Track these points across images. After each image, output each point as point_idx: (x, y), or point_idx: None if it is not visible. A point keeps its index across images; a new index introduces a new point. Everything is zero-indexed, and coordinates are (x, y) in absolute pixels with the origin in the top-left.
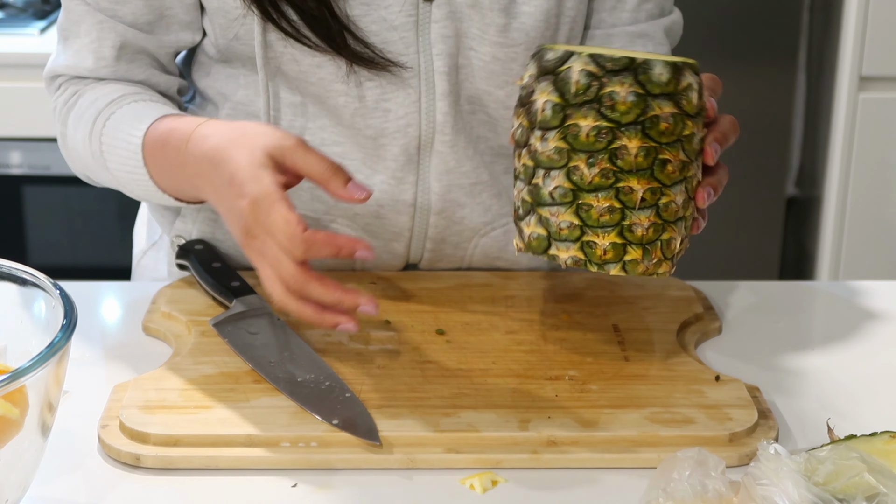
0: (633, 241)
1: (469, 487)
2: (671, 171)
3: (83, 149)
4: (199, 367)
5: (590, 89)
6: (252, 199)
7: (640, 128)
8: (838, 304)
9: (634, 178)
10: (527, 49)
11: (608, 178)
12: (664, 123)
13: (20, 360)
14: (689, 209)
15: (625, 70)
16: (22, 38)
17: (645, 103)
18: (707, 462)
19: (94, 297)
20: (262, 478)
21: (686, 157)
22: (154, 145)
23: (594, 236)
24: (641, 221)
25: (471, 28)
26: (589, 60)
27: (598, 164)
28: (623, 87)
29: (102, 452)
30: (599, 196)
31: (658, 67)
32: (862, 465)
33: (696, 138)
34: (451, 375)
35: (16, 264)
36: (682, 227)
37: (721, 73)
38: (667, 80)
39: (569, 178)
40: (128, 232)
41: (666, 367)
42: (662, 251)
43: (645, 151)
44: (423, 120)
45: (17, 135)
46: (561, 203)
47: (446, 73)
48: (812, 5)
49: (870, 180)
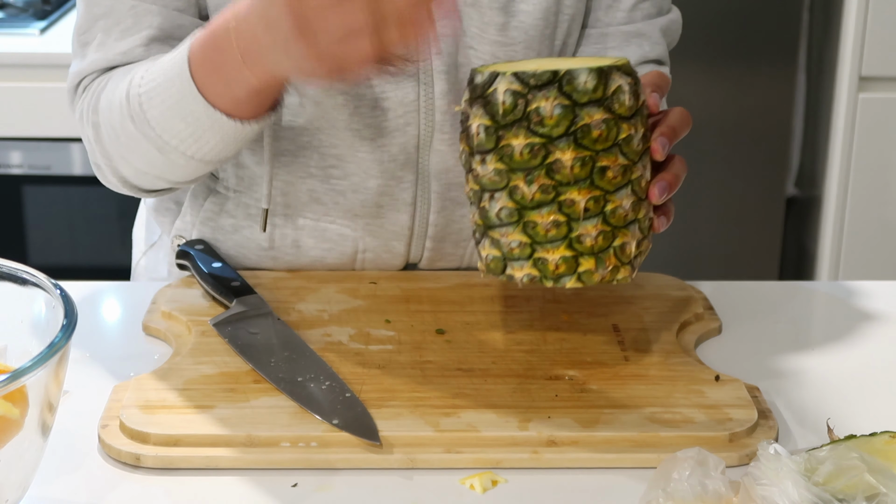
0: (584, 251)
1: (469, 487)
2: (612, 177)
3: (119, 120)
4: (199, 367)
5: (517, 108)
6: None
7: (572, 139)
8: (838, 304)
9: (575, 190)
10: (526, 48)
11: (548, 193)
12: (596, 131)
13: (20, 360)
14: (641, 210)
15: (549, 84)
16: (22, 38)
17: (573, 113)
18: (707, 462)
19: (94, 297)
20: (262, 478)
21: (627, 159)
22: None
23: (544, 252)
24: (589, 231)
25: (470, 27)
26: (513, 79)
27: (537, 180)
28: (548, 101)
29: (102, 452)
30: (543, 212)
31: (583, 75)
32: (862, 465)
33: (636, 139)
34: (451, 375)
35: (16, 264)
36: (635, 229)
37: (721, 73)
38: (593, 87)
39: (511, 197)
40: (128, 232)
41: (666, 367)
42: (617, 257)
43: (581, 162)
44: (423, 119)
45: (17, 135)
46: (508, 223)
47: (445, 71)
48: (812, 5)
49: (870, 180)
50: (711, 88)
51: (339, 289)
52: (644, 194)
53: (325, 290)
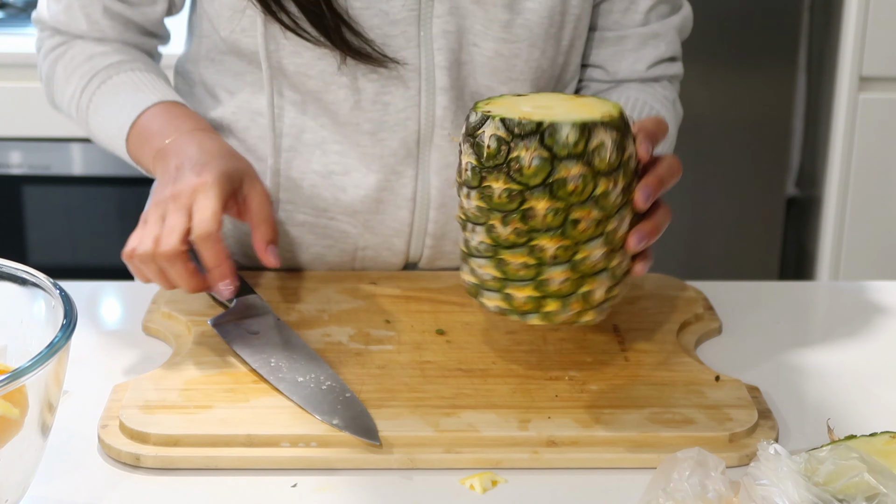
0: (550, 294)
1: (469, 487)
2: (584, 229)
3: (69, 98)
4: (199, 367)
5: (500, 153)
6: (200, 178)
7: (547, 189)
8: (838, 304)
9: (546, 237)
10: (530, 45)
11: (521, 236)
12: (572, 184)
13: (20, 360)
14: (614, 259)
15: (531, 134)
16: (22, 38)
17: (551, 166)
18: (707, 462)
19: (94, 297)
20: (262, 478)
21: (602, 212)
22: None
23: (514, 289)
24: (555, 277)
25: (474, 24)
26: (500, 125)
27: (511, 223)
28: (528, 152)
29: (102, 452)
30: (515, 252)
31: (565, 130)
32: (862, 465)
33: (614, 193)
34: (451, 375)
35: (16, 264)
36: (604, 277)
37: (721, 73)
38: (574, 142)
39: (488, 234)
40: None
41: (666, 367)
42: (583, 302)
43: (554, 212)
44: (423, 114)
45: (17, 135)
46: (484, 256)
47: (447, 67)
48: (812, 5)
49: (870, 180)
50: (711, 88)
51: (339, 289)
52: (619, 245)
53: (325, 290)
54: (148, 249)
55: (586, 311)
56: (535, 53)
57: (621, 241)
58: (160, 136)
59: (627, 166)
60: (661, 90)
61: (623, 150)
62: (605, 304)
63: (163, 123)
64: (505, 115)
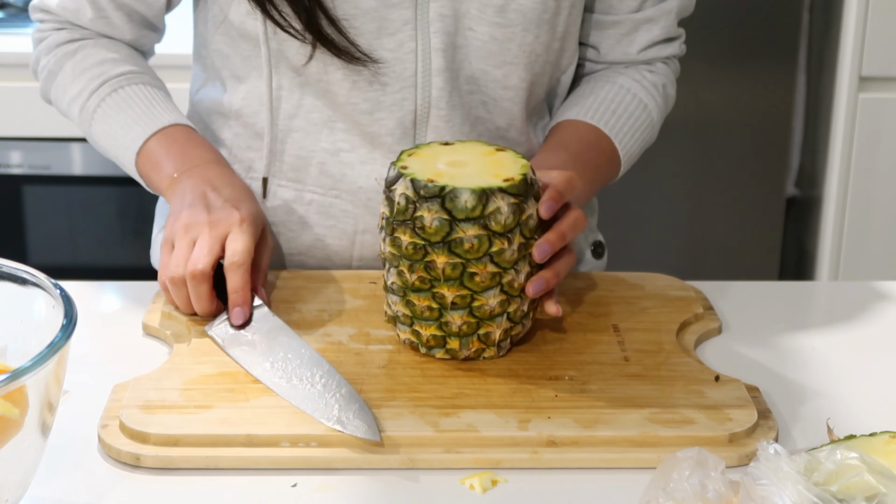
0: (451, 333)
1: (469, 487)
2: (480, 281)
3: (72, 96)
4: (199, 367)
5: (407, 211)
6: (239, 212)
7: (446, 247)
8: (838, 304)
9: (445, 287)
10: (524, 30)
11: (425, 283)
12: (468, 244)
13: (20, 360)
14: (511, 305)
15: (434, 197)
16: (22, 38)
17: (450, 227)
18: (707, 462)
19: (94, 297)
20: (262, 478)
21: (498, 268)
22: (158, 149)
23: (420, 326)
24: (455, 320)
25: (470, 8)
26: (409, 185)
27: (416, 271)
28: (430, 214)
29: (102, 452)
30: (420, 296)
31: (464, 196)
32: (862, 465)
33: (510, 250)
34: (451, 375)
35: (16, 264)
36: (501, 320)
37: (721, 73)
38: (472, 207)
39: (399, 277)
40: (128, 232)
41: (666, 367)
42: (482, 341)
43: (452, 266)
44: (419, 94)
45: (17, 135)
46: (397, 294)
47: (443, 49)
48: (812, 5)
49: (870, 180)
50: (711, 88)
51: (339, 289)
52: (517, 293)
53: (325, 290)
54: (179, 273)
55: (487, 348)
56: (529, 38)
57: (518, 289)
58: (181, 158)
59: (526, 225)
60: (651, 76)
61: (521, 212)
62: (505, 341)
63: (182, 147)
64: (415, 176)
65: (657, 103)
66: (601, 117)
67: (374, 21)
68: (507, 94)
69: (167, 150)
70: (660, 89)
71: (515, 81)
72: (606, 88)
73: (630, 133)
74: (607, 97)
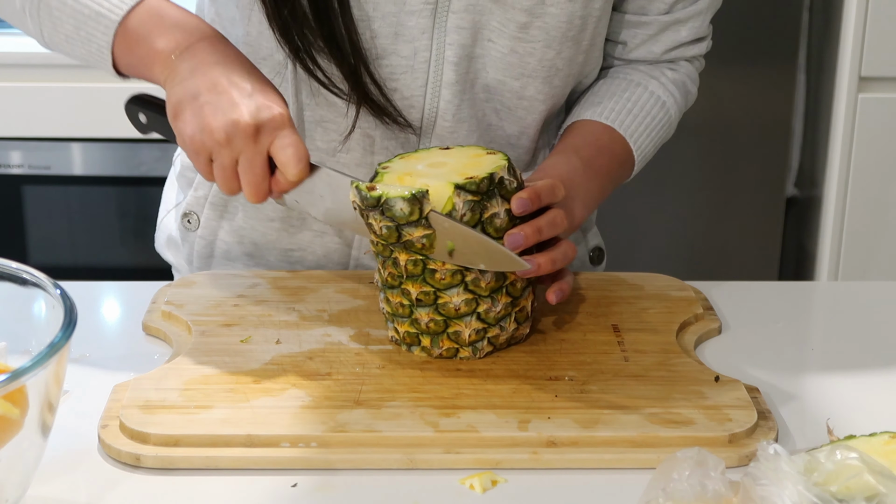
0: (421, 331)
1: (469, 487)
2: (440, 278)
3: None
4: (199, 367)
5: (361, 215)
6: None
7: (403, 245)
8: (838, 304)
9: (410, 283)
10: (545, 46)
11: (395, 280)
12: (418, 244)
13: (20, 360)
14: (482, 305)
15: (375, 207)
16: (22, 38)
17: (398, 231)
18: (707, 462)
19: (94, 297)
20: (262, 478)
21: (456, 265)
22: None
23: (397, 323)
24: (422, 317)
25: (490, 21)
26: (355, 193)
27: (387, 268)
28: (376, 221)
29: (102, 452)
30: (393, 293)
31: (398, 204)
32: (862, 465)
33: None
34: (451, 376)
35: (16, 264)
36: (469, 320)
37: (721, 73)
38: (409, 212)
39: (378, 274)
40: (128, 232)
41: (666, 367)
42: (452, 340)
43: (413, 262)
44: (427, 103)
45: (17, 135)
46: (380, 290)
47: (455, 63)
48: (812, 5)
49: (870, 180)
50: (711, 88)
51: (339, 289)
52: (486, 293)
53: (325, 290)
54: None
55: (460, 348)
56: (550, 54)
57: (487, 289)
58: (178, 29)
59: (490, 223)
60: (671, 73)
61: (483, 209)
62: (481, 342)
63: (178, 16)
64: (360, 185)
65: (676, 100)
66: (616, 117)
67: (391, 25)
68: (523, 104)
69: (161, 18)
70: (680, 87)
71: (532, 93)
72: (624, 87)
73: (646, 133)
74: (623, 96)
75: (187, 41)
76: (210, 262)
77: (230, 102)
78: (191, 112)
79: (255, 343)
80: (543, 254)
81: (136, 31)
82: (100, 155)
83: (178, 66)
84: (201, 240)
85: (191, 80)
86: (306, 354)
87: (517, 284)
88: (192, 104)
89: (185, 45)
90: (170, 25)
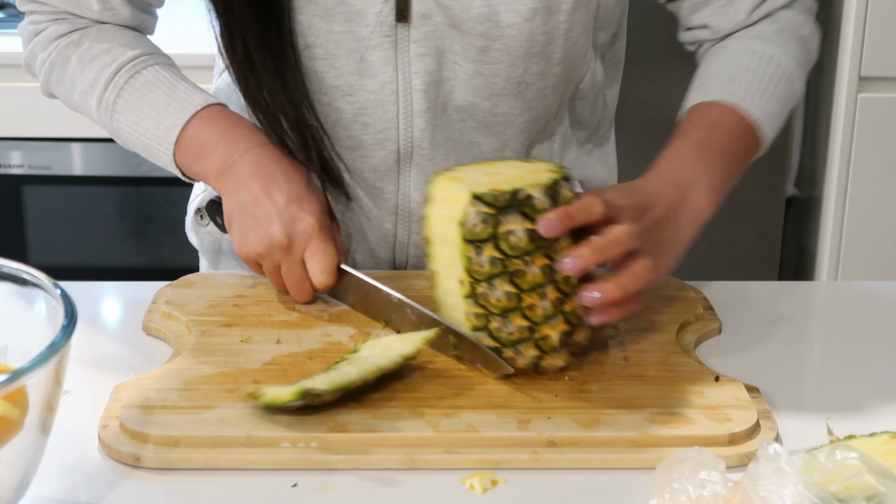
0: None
1: (469, 487)
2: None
3: (85, 88)
4: (199, 367)
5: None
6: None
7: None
8: (838, 304)
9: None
10: (510, 66)
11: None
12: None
13: (20, 360)
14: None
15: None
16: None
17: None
18: (707, 462)
19: (94, 297)
20: (262, 478)
21: (469, 276)
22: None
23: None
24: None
25: (453, 44)
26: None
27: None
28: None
29: (102, 452)
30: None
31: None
32: (862, 465)
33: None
34: (451, 375)
35: (16, 264)
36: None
37: None
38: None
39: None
40: (128, 232)
41: (666, 367)
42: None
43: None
44: (401, 135)
45: (17, 135)
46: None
47: (423, 90)
48: None
49: (870, 180)
50: None
51: None
52: (497, 311)
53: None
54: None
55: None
56: (516, 72)
57: (498, 307)
58: (225, 145)
59: (505, 240)
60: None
61: (497, 224)
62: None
63: (223, 131)
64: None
65: (787, 49)
66: (716, 89)
67: (354, 62)
68: (499, 120)
69: (208, 136)
70: (786, 35)
71: (505, 109)
72: (720, 60)
73: (759, 92)
74: (722, 67)
75: (232, 157)
76: (219, 257)
77: (267, 217)
78: (237, 225)
79: (255, 343)
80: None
81: (190, 149)
82: (100, 155)
83: (225, 183)
84: (209, 236)
85: (235, 197)
86: (306, 354)
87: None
88: (238, 217)
89: (230, 161)
90: (217, 140)
